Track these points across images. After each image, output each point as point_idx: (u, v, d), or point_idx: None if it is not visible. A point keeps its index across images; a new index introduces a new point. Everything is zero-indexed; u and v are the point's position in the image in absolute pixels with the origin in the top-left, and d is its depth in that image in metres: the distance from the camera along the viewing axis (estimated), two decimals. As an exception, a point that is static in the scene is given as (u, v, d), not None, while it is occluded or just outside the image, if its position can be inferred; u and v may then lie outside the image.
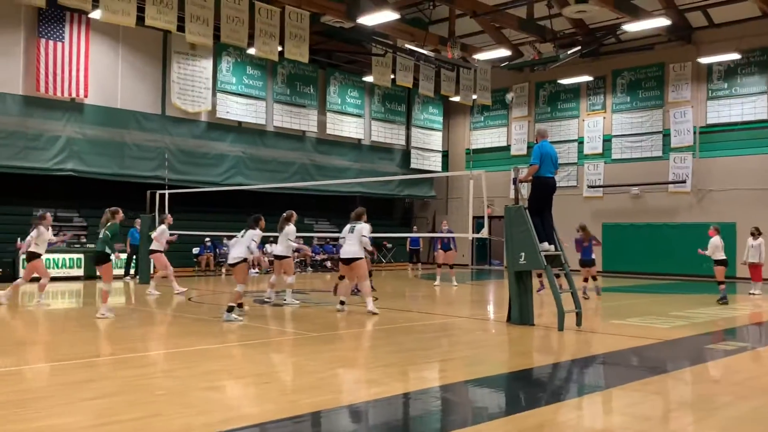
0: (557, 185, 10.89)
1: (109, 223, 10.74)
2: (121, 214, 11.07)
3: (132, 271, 19.50)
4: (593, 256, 15.16)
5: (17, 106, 18.91)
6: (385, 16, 19.01)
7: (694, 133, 23.50)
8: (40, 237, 12.15)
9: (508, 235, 10.31)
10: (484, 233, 10.62)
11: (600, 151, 25.86)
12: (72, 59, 19.44)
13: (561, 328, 9.67)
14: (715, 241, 14.24)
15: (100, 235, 10.77)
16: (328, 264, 24.85)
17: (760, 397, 6.02)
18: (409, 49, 21.85)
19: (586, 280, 14.91)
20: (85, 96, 19.84)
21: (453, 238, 18.49)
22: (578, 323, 10.02)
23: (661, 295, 16.88)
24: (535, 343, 9.05)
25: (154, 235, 15.09)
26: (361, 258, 11.30)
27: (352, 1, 19.62)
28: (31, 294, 14.15)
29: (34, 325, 10.57)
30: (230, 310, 10.14)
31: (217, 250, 22.84)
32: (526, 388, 6.60)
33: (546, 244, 10.14)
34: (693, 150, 23.48)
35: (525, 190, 11.18)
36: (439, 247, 18.60)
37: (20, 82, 18.95)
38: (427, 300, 15.21)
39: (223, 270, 21.91)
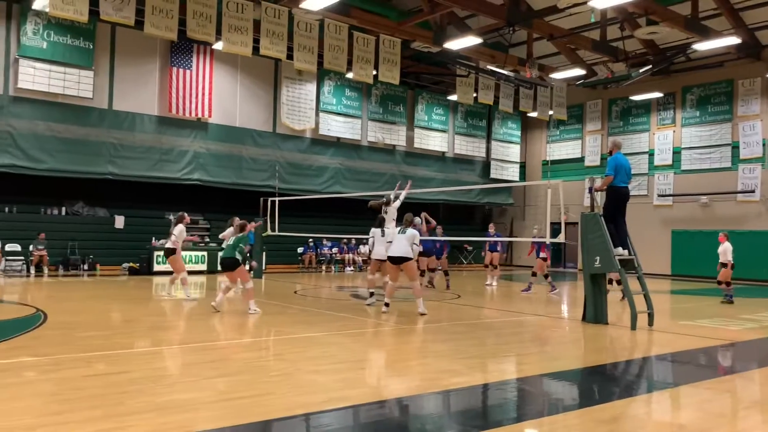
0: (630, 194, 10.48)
1: (240, 234, 10.88)
2: (248, 227, 11.18)
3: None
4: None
5: (153, 125, 19.92)
6: (469, 41, 18.88)
7: (763, 145, 22.10)
8: (180, 234, 12.35)
9: (584, 240, 9.99)
10: (561, 238, 10.31)
11: (670, 162, 24.72)
12: (198, 84, 20.33)
13: (634, 327, 9.28)
14: (726, 246, 14.54)
15: (230, 243, 10.82)
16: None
17: (834, 400, 5.58)
18: (490, 70, 21.62)
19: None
20: (209, 116, 20.69)
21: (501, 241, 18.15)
22: (650, 323, 9.59)
23: (730, 299, 15.92)
24: (609, 341, 8.71)
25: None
26: (411, 258, 10.43)
27: (439, 28, 19.60)
28: (163, 285, 14.80)
29: (165, 312, 11.06)
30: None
31: (318, 249, 23.27)
32: (600, 383, 6.36)
33: (620, 248, 9.78)
34: (762, 161, 22.08)
35: (600, 198, 10.82)
36: (487, 248, 18.24)
37: (155, 104, 19.96)
38: (504, 299, 14.95)
39: (323, 267, 22.33)
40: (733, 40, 18.77)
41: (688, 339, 8.70)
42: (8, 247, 17.94)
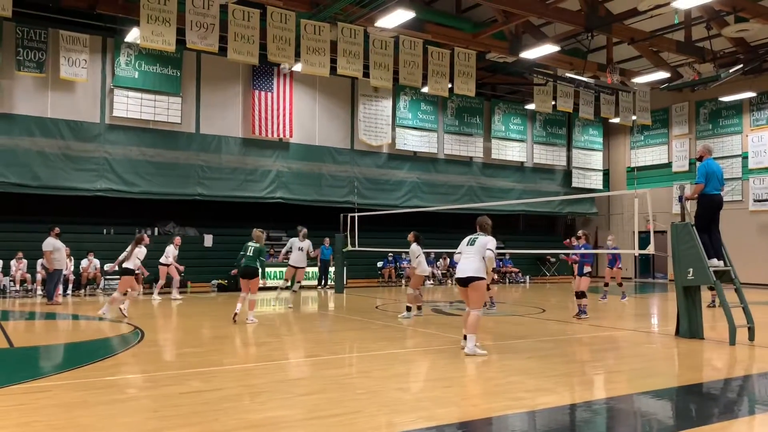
0: (723, 201, 9.99)
1: (258, 244, 11.18)
2: (264, 236, 11.63)
3: (322, 282, 20.54)
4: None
5: (237, 147, 20.68)
6: (546, 49, 18.60)
7: None
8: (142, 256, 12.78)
9: (675, 251, 9.59)
10: (651, 249, 9.92)
11: (766, 165, 23.35)
12: (279, 106, 20.98)
13: (732, 342, 8.81)
14: None
15: (249, 253, 11.07)
16: (496, 276, 24.50)
17: None
18: (569, 77, 21.15)
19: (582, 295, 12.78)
20: (290, 136, 21.28)
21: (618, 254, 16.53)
22: (751, 338, 9.07)
23: (840, 310, 14.82)
24: (706, 358, 8.30)
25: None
26: (482, 278, 8.04)
27: (515, 38, 19.41)
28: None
29: (253, 330, 11.41)
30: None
31: (398, 263, 23.37)
32: (697, 403, 6.07)
33: (715, 260, 9.32)
34: None
35: (690, 206, 10.36)
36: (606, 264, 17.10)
37: (239, 127, 20.73)
38: (592, 312, 14.50)
39: (403, 281, 22.40)
40: (834, 33, 17.59)
41: (794, 355, 8.17)
42: (106, 267, 19.00)
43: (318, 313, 13.96)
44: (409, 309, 12.15)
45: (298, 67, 17.91)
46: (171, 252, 16.60)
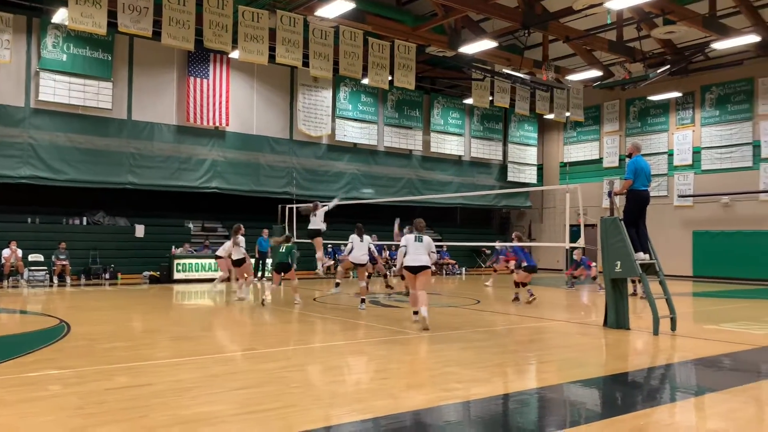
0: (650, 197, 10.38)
1: (289, 243, 13.00)
2: (292, 238, 13.58)
3: (260, 274, 20.25)
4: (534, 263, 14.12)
5: (171, 135, 20.11)
6: (484, 44, 18.85)
7: (786, 143, 21.79)
8: (236, 247, 13.86)
9: (604, 245, 9.90)
10: (581, 242, 10.23)
11: (690, 162, 24.47)
12: (215, 93, 20.50)
13: (656, 332, 9.19)
14: None
15: (282, 250, 12.88)
16: (433, 268, 24.79)
17: None
18: (506, 73, 21.52)
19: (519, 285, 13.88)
20: (227, 124, 20.84)
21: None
22: (673, 328, 9.49)
23: (752, 301, 15.73)
24: (631, 347, 8.63)
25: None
26: (430, 267, 10.03)
27: (454, 33, 19.59)
28: (182, 293, 14.88)
29: (187, 322, 11.14)
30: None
31: (337, 255, 23.27)
32: (623, 391, 6.29)
33: (641, 253, 9.68)
34: (784, 160, 21.78)
35: (618, 201, 10.72)
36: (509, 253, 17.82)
37: (174, 114, 20.15)
38: (524, 304, 14.84)
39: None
40: (753, 38, 18.52)
41: (711, 344, 8.59)
42: (31, 258, 18.19)
43: (254, 305, 13.73)
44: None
45: (235, 55, 17.53)
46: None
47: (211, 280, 19.42)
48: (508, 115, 28.08)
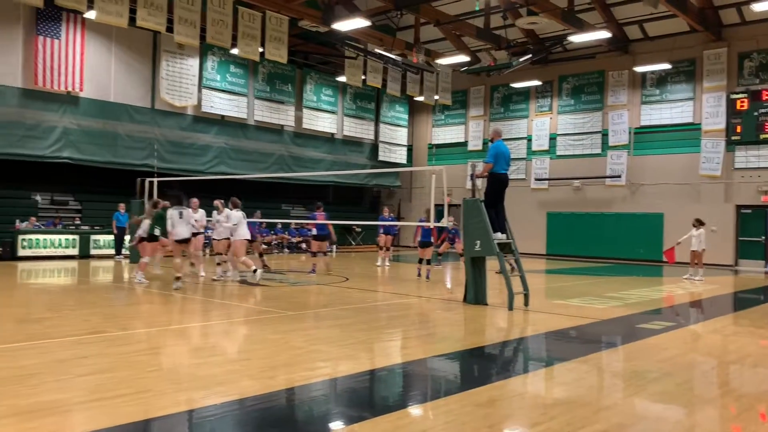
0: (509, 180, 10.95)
1: (154, 212, 12.37)
2: (161, 204, 12.57)
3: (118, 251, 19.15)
4: (431, 239, 15.25)
5: (16, 98, 18.30)
6: (357, 23, 18.82)
7: (629, 133, 23.82)
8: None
9: (466, 225, 10.33)
10: (444, 222, 10.61)
11: (546, 148, 26.08)
12: (68, 55, 18.89)
13: (511, 307, 9.76)
14: None
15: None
16: (303, 246, 24.72)
17: (684, 373, 6.14)
18: (379, 53, 21.72)
19: (421, 261, 15.11)
20: (81, 90, 19.30)
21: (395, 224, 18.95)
22: (526, 303, 10.12)
23: (597, 277, 17.16)
24: (488, 322, 9.11)
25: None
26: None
27: (328, 8, 19.40)
28: (28, 271, 13.72)
29: (32, 303, 10.31)
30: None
31: (206, 232, 22.47)
32: (480, 364, 6.64)
33: (499, 234, 10.21)
34: (628, 148, 23.82)
35: (481, 183, 11.22)
36: (381, 231, 18.65)
37: (19, 75, 18.35)
38: (388, 281, 15.21)
39: (206, 252, 21.65)
40: (604, 34, 19.98)
41: (560, 318, 9.27)
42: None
43: (110, 285, 12.96)
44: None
45: (91, 15, 16.24)
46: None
47: (62, 257, 18.12)
48: (380, 96, 28.40)
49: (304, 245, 24.65)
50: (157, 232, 12.21)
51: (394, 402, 5.12)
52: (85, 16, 17.93)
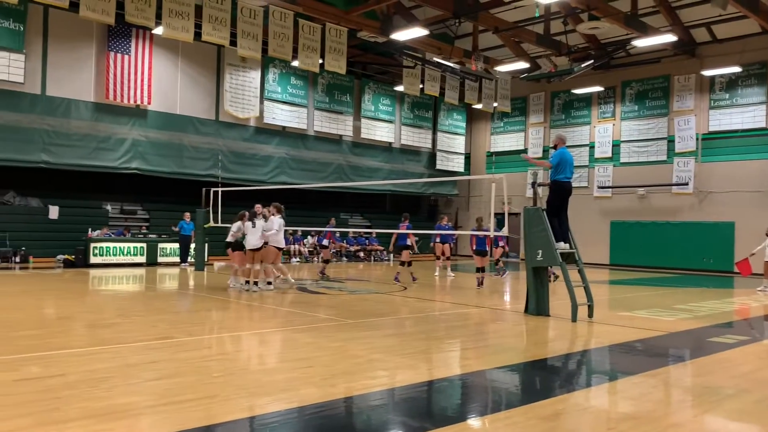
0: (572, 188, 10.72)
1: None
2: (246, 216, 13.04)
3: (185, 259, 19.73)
4: (486, 248, 15.22)
5: (89, 112, 19.18)
6: (416, 32, 18.91)
7: (697, 139, 23.01)
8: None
9: (527, 234, 10.18)
10: (505, 231, 10.47)
11: (609, 155, 25.46)
12: (137, 70, 19.68)
13: (574, 319, 9.54)
14: None
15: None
16: (361, 254, 24.89)
17: (762, 390, 5.85)
18: (437, 62, 21.73)
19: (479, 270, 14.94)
20: (149, 103, 20.07)
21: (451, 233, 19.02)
22: (590, 315, 9.88)
23: (664, 288, 16.58)
24: (551, 334, 8.92)
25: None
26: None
27: (386, 19, 19.56)
28: (99, 277, 14.26)
29: (103, 309, 10.71)
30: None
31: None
32: (543, 377, 6.50)
33: (562, 243, 10.01)
34: (695, 155, 23.00)
35: (541, 192, 11.04)
36: (438, 240, 18.49)
37: (92, 90, 19.22)
38: (447, 290, 15.11)
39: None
40: (670, 38, 19.40)
41: (626, 330, 9.00)
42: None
43: (176, 291, 13.37)
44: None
45: (159, 31, 16.87)
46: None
47: (130, 265, 18.81)
48: (438, 104, 28.36)
49: (361, 254, 24.83)
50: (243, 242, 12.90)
51: (455, 413, 5.08)
52: (153, 32, 18.64)
